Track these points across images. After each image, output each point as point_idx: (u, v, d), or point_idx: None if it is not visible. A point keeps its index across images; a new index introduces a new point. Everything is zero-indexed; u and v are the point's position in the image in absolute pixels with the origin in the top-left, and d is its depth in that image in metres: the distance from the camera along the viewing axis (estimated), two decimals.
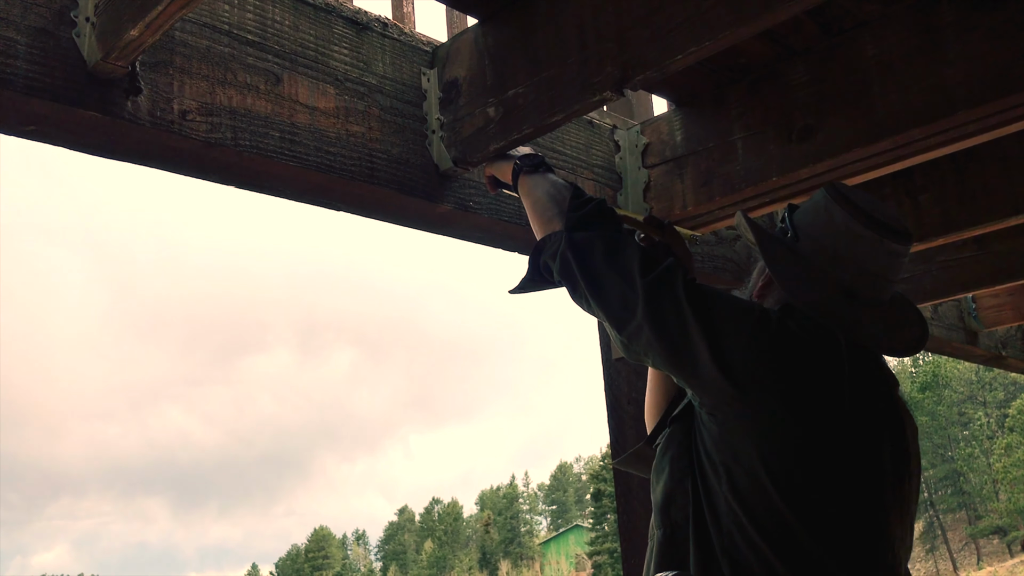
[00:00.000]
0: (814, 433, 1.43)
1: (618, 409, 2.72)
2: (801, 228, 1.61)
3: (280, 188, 2.01)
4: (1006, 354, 4.55)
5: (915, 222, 2.98)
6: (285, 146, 1.92)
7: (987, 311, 4.34)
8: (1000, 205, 2.83)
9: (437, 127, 2.20)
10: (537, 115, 2.01)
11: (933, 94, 2.12)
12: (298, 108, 1.96)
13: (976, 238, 3.56)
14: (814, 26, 2.28)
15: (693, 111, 2.58)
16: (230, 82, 1.86)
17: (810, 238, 1.58)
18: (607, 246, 1.66)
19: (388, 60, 2.18)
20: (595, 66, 1.92)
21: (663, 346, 1.51)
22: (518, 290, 1.87)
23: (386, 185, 2.08)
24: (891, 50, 2.20)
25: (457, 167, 2.18)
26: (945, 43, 2.12)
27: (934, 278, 3.74)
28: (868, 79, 2.23)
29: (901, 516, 1.49)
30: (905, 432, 1.54)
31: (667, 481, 1.55)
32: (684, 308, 1.49)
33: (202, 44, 1.84)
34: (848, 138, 2.23)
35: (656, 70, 1.82)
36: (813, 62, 2.33)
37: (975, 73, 2.06)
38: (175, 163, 1.86)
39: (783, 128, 2.35)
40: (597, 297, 1.63)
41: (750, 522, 1.40)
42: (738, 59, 2.40)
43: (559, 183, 1.87)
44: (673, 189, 2.58)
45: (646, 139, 2.68)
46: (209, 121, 1.81)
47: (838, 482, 1.43)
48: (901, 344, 1.59)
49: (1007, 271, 3.56)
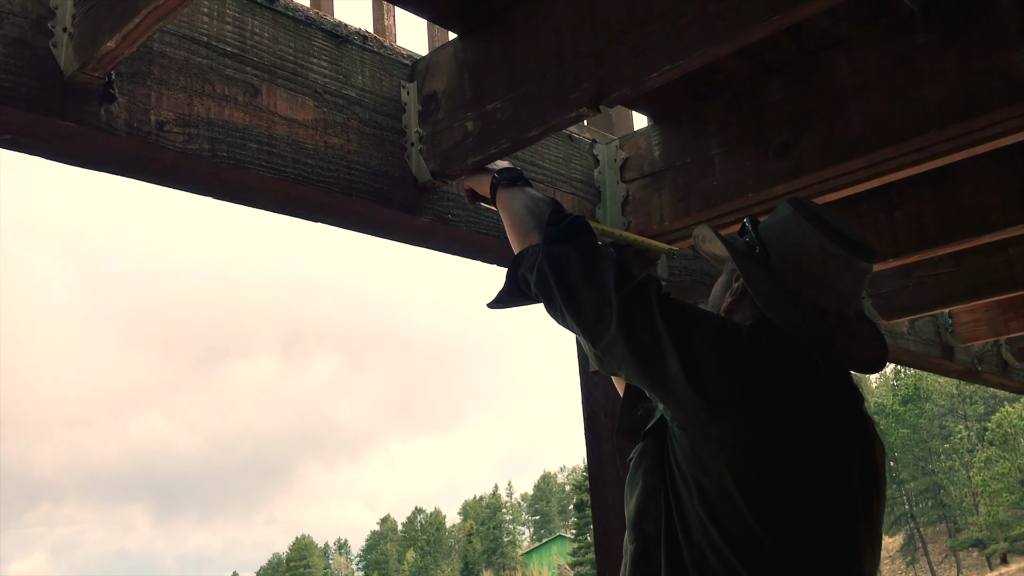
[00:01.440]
0: (786, 449, 1.44)
1: (595, 422, 2.72)
2: (771, 244, 1.61)
3: (258, 199, 2.01)
4: (982, 369, 4.59)
5: (891, 238, 3.01)
6: (263, 157, 1.92)
7: (963, 326, 4.38)
8: (974, 223, 2.86)
9: (416, 140, 2.21)
10: (515, 129, 2.03)
11: (907, 113, 2.15)
12: (276, 120, 1.97)
13: (952, 254, 3.60)
14: (791, 44, 2.30)
15: (671, 126, 2.60)
16: (208, 93, 1.87)
17: (782, 256, 1.59)
18: (583, 260, 1.67)
19: (368, 73, 2.19)
20: (572, 82, 1.93)
21: (636, 359, 1.52)
22: (496, 304, 1.88)
23: (364, 197, 2.09)
24: (866, 69, 2.23)
25: (436, 180, 2.19)
26: (919, 63, 2.15)
27: (911, 294, 3.78)
28: (844, 97, 2.25)
29: (871, 538, 1.51)
30: (874, 453, 1.56)
31: (640, 495, 1.55)
32: (657, 322, 1.50)
33: (180, 55, 1.84)
34: (823, 155, 2.26)
35: (632, 87, 1.84)
36: (790, 80, 2.36)
37: (948, 93, 2.09)
38: (152, 173, 1.86)
39: (760, 144, 2.38)
40: (572, 310, 1.64)
41: (721, 536, 1.41)
42: (716, 76, 2.43)
43: (537, 197, 1.89)
44: (651, 204, 2.60)
45: (625, 154, 2.70)
46: (186, 132, 1.82)
47: (809, 498, 1.43)
48: (870, 360, 1.61)
49: (982, 287, 3.61)
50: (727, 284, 1.69)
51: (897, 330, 4.06)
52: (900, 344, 4.07)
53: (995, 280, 3.57)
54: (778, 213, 1.65)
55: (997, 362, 4.78)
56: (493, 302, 1.88)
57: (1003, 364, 4.84)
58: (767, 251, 1.61)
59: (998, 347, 4.82)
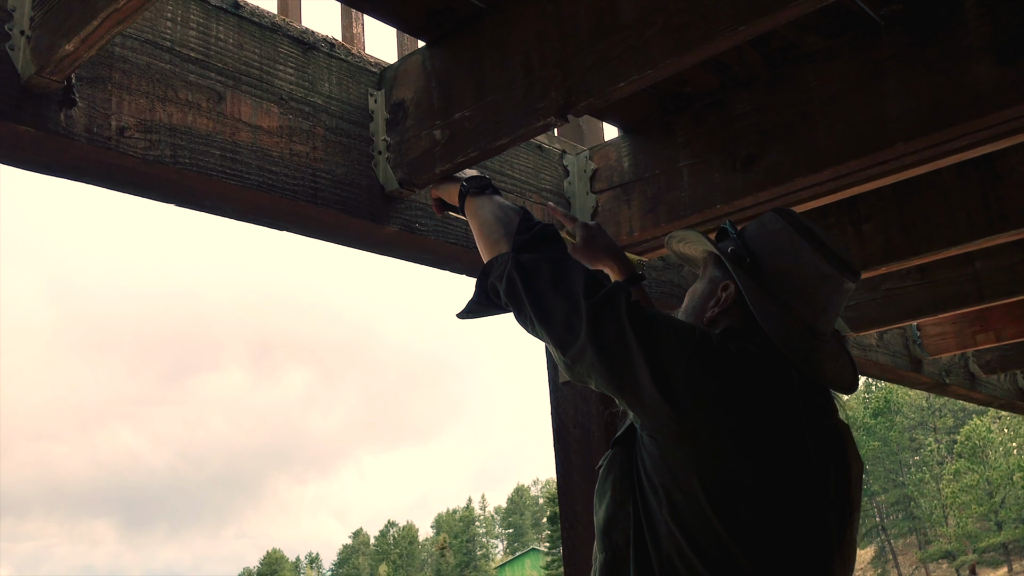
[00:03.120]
0: (755, 459, 1.43)
1: (564, 433, 2.71)
2: (761, 257, 1.59)
3: (221, 207, 1.99)
4: (949, 381, 4.63)
5: (858, 250, 3.03)
6: (226, 164, 1.90)
7: (931, 339, 4.42)
8: (940, 236, 2.89)
9: (384, 148, 2.20)
10: (483, 138, 2.02)
11: (873, 126, 2.16)
12: (240, 126, 1.94)
13: (919, 267, 3.63)
14: (758, 57, 2.31)
15: (641, 138, 2.60)
16: (171, 99, 1.84)
17: (776, 271, 1.57)
18: (553, 268, 1.65)
19: (335, 80, 2.17)
20: (539, 91, 1.93)
21: (605, 368, 1.51)
22: (465, 314, 1.86)
23: (330, 205, 2.07)
24: (833, 82, 2.24)
25: (403, 189, 2.17)
26: (885, 76, 2.17)
27: (879, 306, 3.80)
28: (810, 110, 2.27)
29: (844, 555, 1.50)
30: (850, 470, 1.55)
31: (609, 504, 1.54)
32: (627, 330, 1.49)
33: (143, 60, 1.81)
34: (790, 167, 2.27)
35: (599, 97, 1.84)
36: (757, 92, 2.37)
37: (913, 106, 2.11)
38: (112, 180, 1.82)
39: (727, 156, 2.38)
40: (542, 318, 1.62)
41: (689, 546, 1.40)
42: (684, 87, 2.43)
43: (506, 205, 1.87)
44: (620, 215, 2.59)
45: (595, 165, 2.69)
46: (148, 138, 1.79)
47: (778, 509, 1.43)
48: (846, 380, 1.61)
49: (949, 300, 3.63)
50: (710, 293, 1.65)
51: (866, 342, 4.08)
52: (869, 356, 4.10)
53: (961, 293, 3.60)
54: (766, 224, 1.63)
55: (965, 375, 4.83)
56: (463, 312, 1.86)
57: (970, 376, 4.89)
58: (757, 263, 1.59)
59: (965, 360, 4.87)
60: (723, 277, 1.63)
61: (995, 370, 4.96)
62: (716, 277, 1.65)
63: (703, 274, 1.71)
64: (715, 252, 1.65)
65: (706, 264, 1.71)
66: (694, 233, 1.72)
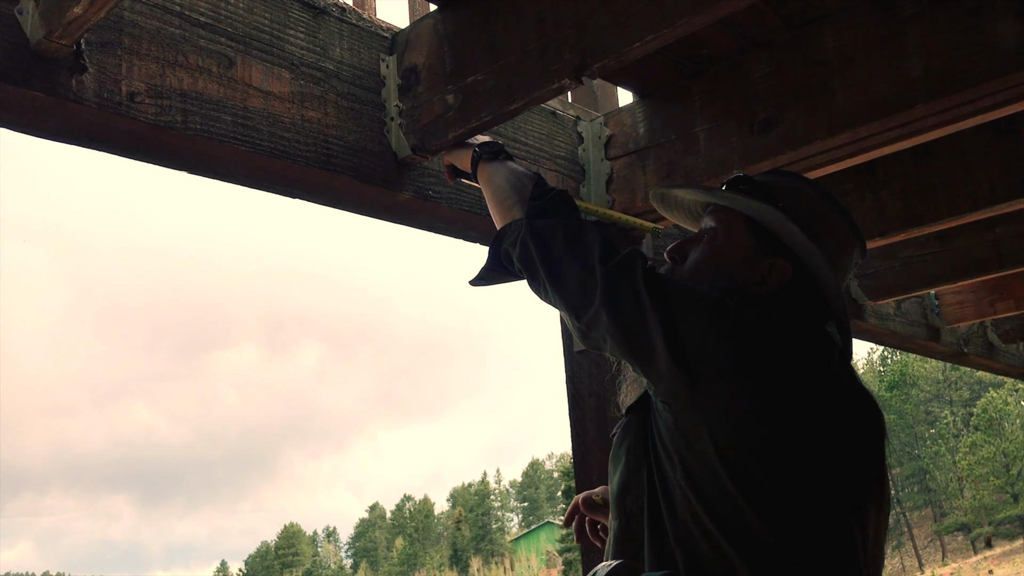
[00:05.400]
0: (774, 424, 1.41)
1: (579, 401, 2.70)
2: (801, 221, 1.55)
3: (232, 173, 1.97)
4: (968, 351, 4.59)
5: (877, 216, 2.99)
6: (237, 130, 1.88)
7: (949, 308, 4.38)
8: (960, 200, 2.85)
9: (396, 114, 2.17)
10: (496, 102, 1.99)
11: (893, 87, 2.12)
12: (251, 92, 1.92)
13: (938, 234, 3.58)
14: (776, 18, 2.27)
15: (656, 103, 2.56)
16: (181, 64, 1.82)
17: (816, 238, 1.55)
18: (567, 233, 1.63)
19: (346, 45, 2.14)
20: (553, 53, 1.90)
21: (620, 333, 1.49)
22: (478, 281, 1.84)
23: (343, 172, 2.05)
24: (852, 43, 2.20)
25: (416, 155, 2.15)
26: (905, 36, 2.12)
27: (897, 274, 3.76)
28: (829, 72, 2.23)
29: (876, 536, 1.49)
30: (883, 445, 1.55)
31: (623, 471, 1.53)
32: (642, 296, 1.47)
33: (152, 25, 1.79)
34: (809, 130, 2.23)
35: (614, 58, 1.81)
36: (774, 54, 2.33)
37: (933, 67, 2.07)
38: (123, 146, 1.81)
39: (745, 120, 2.35)
40: (556, 284, 1.60)
41: (704, 510, 1.39)
42: (700, 50, 2.39)
43: (520, 171, 1.85)
44: (635, 181, 2.57)
45: (609, 131, 2.66)
46: (158, 104, 1.77)
47: (800, 472, 1.41)
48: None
49: (968, 268, 3.59)
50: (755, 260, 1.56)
51: (884, 311, 4.05)
52: (886, 326, 4.06)
53: (981, 260, 3.55)
54: (798, 190, 1.60)
55: (983, 344, 4.78)
56: (476, 279, 1.84)
57: (989, 346, 4.84)
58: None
59: (984, 329, 4.82)
60: (762, 247, 1.56)
61: (1014, 339, 4.91)
62: (751, 245, 1.57)
63: (720, 233, 1.64)
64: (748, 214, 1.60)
65: (724, 221, 1.65)
66: (703, 191, 1.69)
